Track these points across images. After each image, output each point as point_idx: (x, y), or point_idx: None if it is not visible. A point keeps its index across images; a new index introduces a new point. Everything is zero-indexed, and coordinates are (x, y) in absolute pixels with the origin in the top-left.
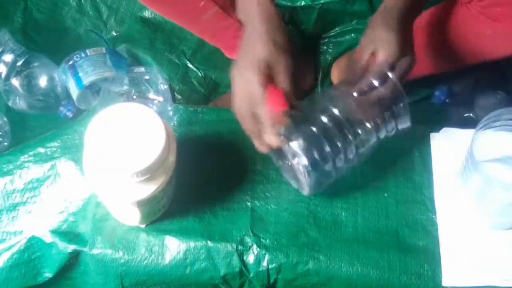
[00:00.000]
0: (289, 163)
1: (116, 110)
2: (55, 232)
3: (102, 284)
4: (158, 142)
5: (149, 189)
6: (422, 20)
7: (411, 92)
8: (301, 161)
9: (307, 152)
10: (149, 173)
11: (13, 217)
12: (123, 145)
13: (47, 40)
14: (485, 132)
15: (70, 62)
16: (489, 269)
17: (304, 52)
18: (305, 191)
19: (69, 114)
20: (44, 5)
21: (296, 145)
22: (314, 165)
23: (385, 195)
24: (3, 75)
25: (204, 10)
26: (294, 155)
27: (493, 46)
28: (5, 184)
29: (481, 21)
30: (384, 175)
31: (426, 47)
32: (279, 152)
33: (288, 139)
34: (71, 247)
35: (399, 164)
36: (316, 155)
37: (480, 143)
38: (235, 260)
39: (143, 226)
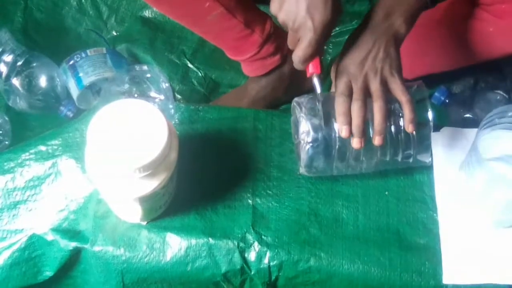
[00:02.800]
0: (298, 138)
1: (118, 106)
2: (56, 230)
3: (103, 282)
4: (160, 138)
5: (151, 185)
6: (423, 19)
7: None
8: (306, 137)
9: (315, 132)
10: (151, 169)
11: (13, 215)
12: (125, 141)
13: (47, 40)
14: (489, 130)
15: (71, 62)
16: (490, 267)
17: None
18: (301, 168)
19: (70, 114)
20: (45, 4)
21: (310, 120)
22: (315, 146)
23: (386, 193)
24: (3, 75)
25: (209, 11)
26: (303, 129)
27: (496, 44)
28: (6, 182)
29: (485, 18)
30: (385, 173)
31: (427, 45)
32: (295, 124)
33: (307, 114)
34: (72, 245)
35: (397, 164)
36: (321, 141)
37: (483, 141)
38: (237, 257)
39: (144, 223)
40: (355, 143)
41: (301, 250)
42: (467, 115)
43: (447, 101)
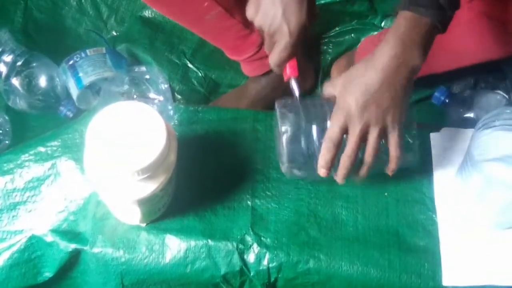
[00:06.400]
0: (279, 132)
1: (117, 108)
2: (56, 231)
3: (102, 283)
4: (159, 140)
5: (150, 187)
6: None
7: (411, 92)
8: (285, 134)
9: (293, 128)
10: (150, 171)
11: (13, 216)
12: (124, 143)
13: (47, 40)
14: (485, 132)
15: (70, 62)
16: (489, 268)
17: (306, 52)
18: (283, 166)
19: (69, 114)
20: (44, 5)
21: (288, 117)
22: (293, 142)
23: (386, 194)
24: (3, 75)
25: (207, 10)
26: (283, 125)
27: (495, 45)
28: (5, 183)
29: (483, 20)
30: (384, 174)
31: None
32: (277, 120)
33: (284, 112)
34: (72, 246)
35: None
36: (300, 137)
37: (479, 143)
38: (236, 259)
39: (143, 225)
40: (338, 180)
41: (300, 252)
42: (467, 115)
43: (447, 101)
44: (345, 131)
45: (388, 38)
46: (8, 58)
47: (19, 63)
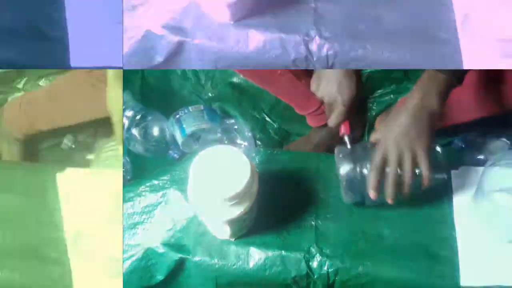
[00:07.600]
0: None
1: (212, 150)
2: (166, 244)
3: (201, 284)
4: (244, 175)
5: (237, 211)
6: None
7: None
8: (343, 174)
9: (349, 172)
10: (238, 198)
11: (133, 234)
12: (218, 177)
13: (159, 99)
14: (493, 169)
15: (177, 116)
16: (502, 276)
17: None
18: (344, 197)
19: (176, 156)
20: (157, 74)
21: (345, 163)
22: (350, 182)
23: (416, 215)
24: (125, 126)
25: (281, 76)
26: (342, 168)
27: (496, 104)
28: (127, 208)
29: (485, 86)
30: (416, 202)
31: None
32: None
33: (343, 158)
34: (178, 256)
35: (427, 194)
36: (353, 179)
37: (489, 177)
38: (303, 265)
39: (232, 239)
40: (388, 199)
41: (352, 260)
42: (479, 157)
43: (463, 146)
44: (385, 161)
45: (414, 90)
46: (129, 113)
47: (137, 117)
